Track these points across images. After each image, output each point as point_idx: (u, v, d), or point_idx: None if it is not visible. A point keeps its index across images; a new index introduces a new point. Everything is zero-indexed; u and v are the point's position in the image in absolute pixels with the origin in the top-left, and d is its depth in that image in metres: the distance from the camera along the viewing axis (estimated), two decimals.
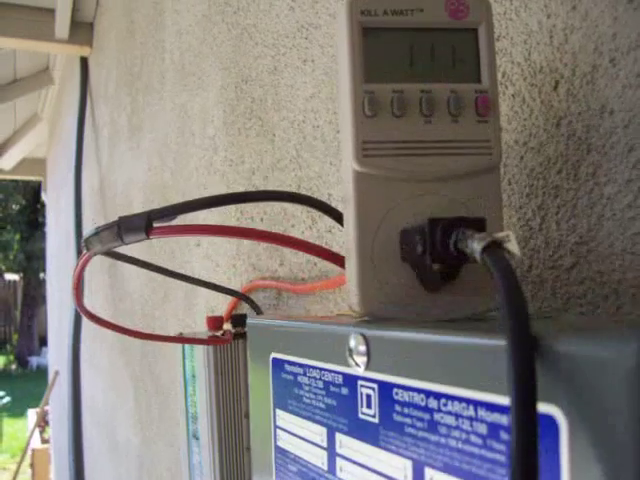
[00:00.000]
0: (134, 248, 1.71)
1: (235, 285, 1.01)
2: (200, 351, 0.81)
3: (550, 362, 0.23)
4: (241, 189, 0.99)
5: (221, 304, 1.08)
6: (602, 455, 0.21)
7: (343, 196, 0.38)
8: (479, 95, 0.37)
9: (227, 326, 0.85)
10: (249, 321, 0.48)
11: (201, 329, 1.12)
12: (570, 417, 0.22)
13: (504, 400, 0.24)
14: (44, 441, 5.15)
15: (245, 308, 0.94)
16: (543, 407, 0.23)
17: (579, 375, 0.22)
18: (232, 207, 1.02)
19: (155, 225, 0.45)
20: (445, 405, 0.28)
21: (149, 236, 0.45)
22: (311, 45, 0.78)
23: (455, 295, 0.36)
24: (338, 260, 0.48)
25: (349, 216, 0.37)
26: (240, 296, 0.88)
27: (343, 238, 0.57)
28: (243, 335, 0.79)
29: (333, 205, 0.72)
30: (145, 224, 0.45)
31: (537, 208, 0.47)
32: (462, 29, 0.38)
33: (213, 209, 1.11)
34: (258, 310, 0.88)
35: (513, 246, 0.28)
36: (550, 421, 0.23)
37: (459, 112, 0.37)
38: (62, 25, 2.57)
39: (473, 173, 0.37)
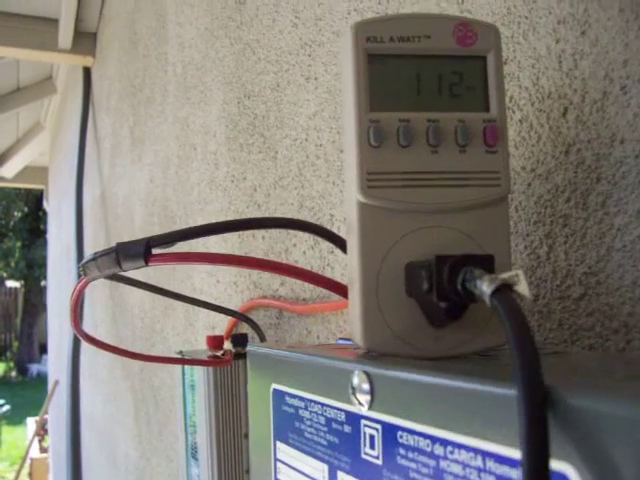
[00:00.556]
0: None
1: (236, 302, 1.00)
2: (200, 370, 0.79)
3: (563, 416, 0.22)
4: (243, 206, 0.98)
5: (221, 320, 1.06)
6: None
7: (346, 224, 0.38)
8: (487, 125, 0.36)
9: (227, 345, 0.84)
10: (250, 348, 0.47)
11: (201, 344, 1.11)
12: (584, 476, 0.21)
13: (514, 453, 0.23)
14: (43, 450, 5.13)
15: (246, 328, 0.93)
16: (556, 464, 0.22)
17: (593, 432, 0.21)
18: None
19: (154, 252, 0.44)
20: (452, 453, 0.26)
21: (148, 264, 0.44)
22: (314, 62, 0.77)
23: (461, 331, 0.35)
24: (341, 290, 0.47)
25: (353, 246, 0.36)
26: (241, 318, 0.87)
27: (347, 267, 0.56)
28: (243, 355, 0.78)
29: (336, 226, 0.71)
30: (144, 251, 0.44)
31: (544, 236, 0.46)
32: (470, 56, 0.37)
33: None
34: (258, 330, 0.87)
35: (523, 288, 0.27)
36: (562, 479, 0.21)
37: (467, 142, 0.36)
38: (65, 35, 2.57)
39: (481, 205, 0.36)
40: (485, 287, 0.27)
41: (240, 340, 0.79)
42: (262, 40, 0.93)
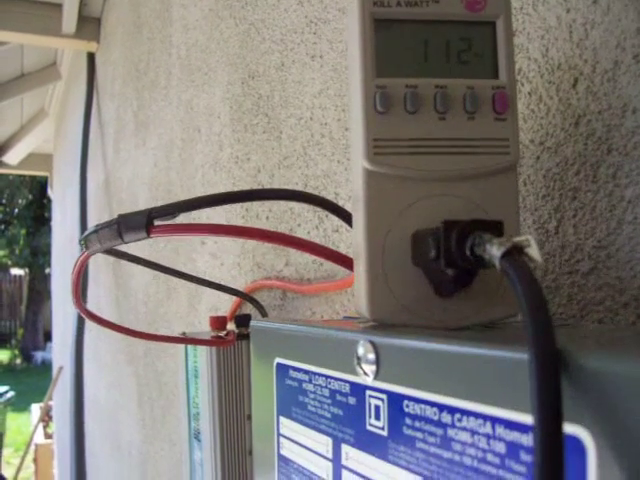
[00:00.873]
0: (137, 245, 1.69)
1: (239, 284, 0.99)
2: (203, 352, 0.79)
3: (577, 379, 0.21)
4: (246, 187, 0.97)
5: (225, 303, 1.06)
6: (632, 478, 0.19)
7: (352, 196, 0.37)
8: (496, 91, 0.35)
9: (231, 326, 0.83)
10: (253, 324, 0.46)
11: (205, 328, 1.11)
12: (598, 439, 0.20)
13: (525, 418, 0.23)
14: (47, 436, 5.15)
15: (249, 307, 0.92)
16: (569, 428, 0.21)
17: (609, 394, 0.20)
18: (237, 205, 1.00)
19: (156, 223, 0.44)
20: (460, 420, 0.26)
21: (150, 235, 0.43)
22: (320, 40, 0.76)
23: (469, 301, 0.34)
24: (346, 262, 0.46)
25: (358, 217, 0.35)
26: (244, 296, 0.86)
27: (351, 239, 0.55)
28: (247, 336, 0.77)
29: (340, 204, 0.70)
30: (146, 222, 0.43)
31: (553, 210, 0.45)
32: (479, 22, 0.36)
33: (217, 208, 1.09)
34: (262, 311, 0.87)
35: (534, 252, 0.26)
36: (576, 443, 0.21)
37: (475, 109, 0.35)
38: (69, 20, 2.56)
39: (489, 173, 0.35)
40: (495, 250, 0.26)
41: (243, 321, 0.78)
42: (267, 19, 0.92)
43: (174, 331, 1.40)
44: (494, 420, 0.24)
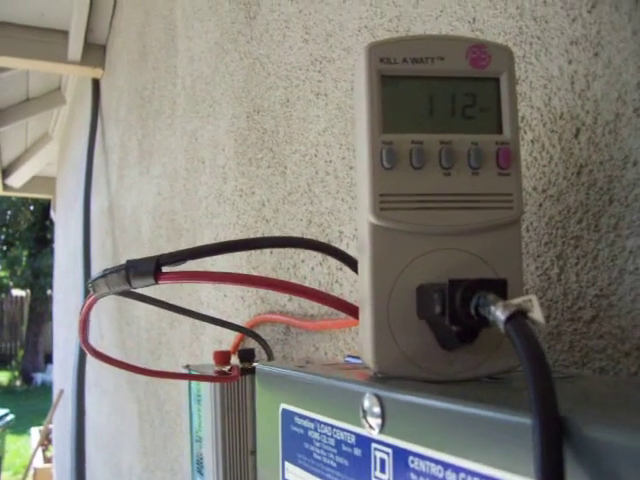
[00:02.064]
0: None
1: (243, 316, 0.99)
2: (207, 385, 0.79)
3: (579, 448, 0.21)
4: (251, 220, 0.98)
5: (228, 334, 1.06)
6: None
7: (358, 246, 0.37)
8: (500, 147, 0.36)
9: (234, 360, 0.84)
10: (259, 368, 0.47)
11: (208, 357, 1.11)
12: None
13: None
14: (47, 460, 5.12)
15: (253, 343, 0.93)
16: None
17: (610, 464, 0.20)
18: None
19: (164, 270, 0.44)
20: None
21: (158, 282, 0.44)
22: (324, 79, 0.77)
23: (472, 355, 0.35)
24: (351, 310, 0.47)
25: (364, 268, 0.36)
26: (247, 333, 0.86)
27: (358, 287, 0.55)
28: (250, 370, 0.77)
29: (344, 242, 0.71)
30: (154, 269, 0.44)
31: (556, 258, 0.45)
32: (484, 78, 0.37)
33: (222, 237, 1.10)
34: (265, 346, 0.87)
35: (537, 314, 0.27)
36: None
37: (480, 164, 0.36)
38: (75, 47, 2.58)
39: (493, 227, 0.36)
40: (499, 313, 0.27)
41: (247, 355, 0.79)
42: (272, 55, 0.93)
43: (177, 360, 1.40)
44: None
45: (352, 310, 0.46)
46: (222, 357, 0.79)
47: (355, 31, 0.71)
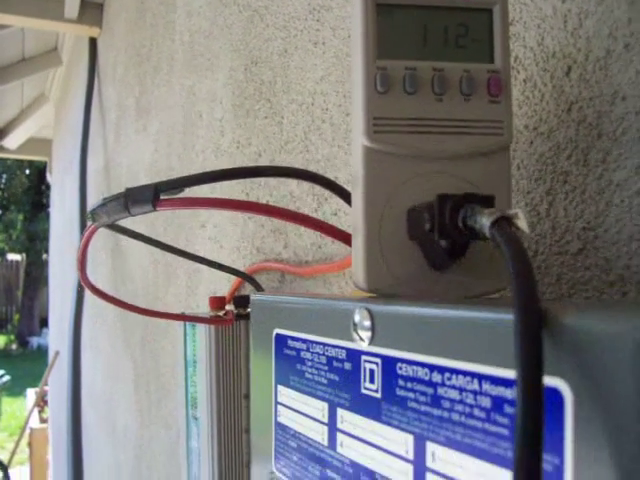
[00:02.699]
0: (138, 228, 1.71)
1: (239, 267, 1.01)
2: (202, 332, 0.81)
3: (558, 336, 0.23)
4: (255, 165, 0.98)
5: (223, 287, 1.08)
6: (606, 429, 0.21)
7: (352, 174, 0.38)
8: (492, 75, 0.37)
9: (229, 307, 0.85)
10: (253, 297, 0.48)
11: (203, 311, 1.13)
12: (576, 391, 0.22)
13: (509, 373, 0.24)
14: (42, 421, 5.17)
15: (248, 290, 0.94)
16: (549, 380, 0.23)
17: (587, 349, 0.22)
18: (238, 189, 1.02)
19: (162, 197, 0.45)
20: (449, 379, 0.28)
21: (156, 208, 0.45)
22: (322, 27, 0.78)
23: (462, 275, 0.36)
24: (345, 238, 0.48)
25: (357, 193, 0.37)
26: (243, 276, 0.88)
27: (351, 217, 0.56)
28: (245, 316, 0.79)
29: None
30: (152, 196, 0.45)
31: (545, 193, 0.46)
32: (477, 9, 0.37)
33: (218, 190, 1.11)
34: (261, 290, 0.88)
35: (522, 223, 0.28)
36: (556, 394, 0.23)
37: (471, 91, 0.36)
38: (72, 4, 2.56)
39: (484, 153, 0.37)
40: (485, 220, 0.28)
41: (242, 301, 0.80)
42: (270, 6, 0.93)
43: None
44: (481, 377, 0.26)
45: (346, 238, 0.47)
46: (217, 302, 0.80)
47: None
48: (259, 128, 0.95)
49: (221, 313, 0.80)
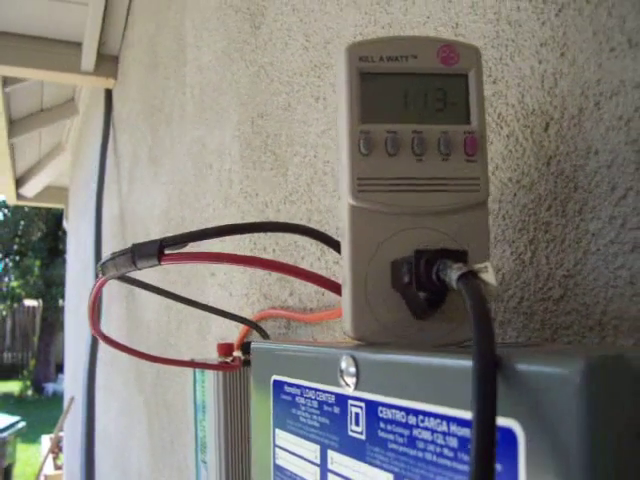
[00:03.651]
0: (152, 278, 1.74)
1: (247, 314, 1.03)
2: (210, 377, 0.83)
3: (511, 380, 0.25)
4: (254, 221, 1.02)
5: (233, 334, 1.10)
6: (555, 463, 0.23)
7: (340, 229, 0.41)
8: (468, 136, 0.40)
9: (237, 353, 0.88)
10: (253, 345, 0.51)
11: (213, 357, 1.15)
12: (526, 429, 0.24)
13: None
14: (57, 467, 5.16)
15: (256, 337, 0.96)
16: (503, 421, 0.25)
17: (534, 391, 0.24)
18: (246, 239, 1.05)
19: (167, 252, 0.48)
20: (422, 421, 0.30)
21: (161, 262, 0.48)
22: (323, 83, 0.81)
23: (443, 323, 0.38)
24: (336, 288, 0.50)
25: (345, 247, 0.40)
26: (250, 324, 0.90)
27: (340, 268, 0.59)
28: None
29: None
30: (157, 251, 0.47)
31: (529, 242, 0.49)
32: (453, 75, 0.40)
33: (227, 241, 1.14)
34: (267, 338, 0.91)
35: (489, 277, 0.30)
36: (509, 434, 0.25)
37: (449, 151, 0.39)
38: (88, 58, 2.65)
39: (462, 208, 0.39)
40: (453, 274, 0.30)
41: (249, 348, 0.82)
42: (275, 63, 0.97)
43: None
44: (449, 419, 0.28)
45: (336, 288, 0.50)
46: (225, 348, 0.83)
47: (351, 37, 0.75)
48: (265, 179, 0.99)
49: (229, 359, 0.83)
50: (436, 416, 0.29)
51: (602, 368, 0.23)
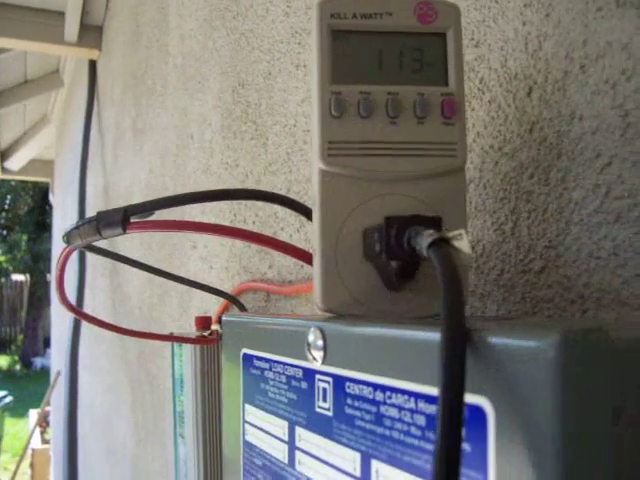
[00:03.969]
0: (134, 249, 1.72)
1: (227, 286, 1.01)
2: (188, 351, 0.81)
3: (481, 354, 0.23)
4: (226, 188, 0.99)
5: (214, 307, 1.08)
6: (525, 442, 0.21)
7: (311, 195, 0.39)
8: (445, 98, 0.38)
9: (216, 327, 0.86)
10: (224, 318, 0.49)
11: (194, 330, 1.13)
12: (497, 407, 0.22)
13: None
14: (45, 442, 5.16)
15: (236, 310, 0.95)
16: (473, 398, 0.23)
17: (505, 366, 0.22)
18: (226, 210, 1.03)
19: (132, 220, 0.46)
20: (390, 398, 0.28)
21: (126, 231, 0.46)
22: (303, 50, 0.79)
23: (417, 294, 0.37)
24: (308, 259, 0.48)
25: (315, 215, 0.38)
26: (227, 297, 0.88)
27: (311, 235, 0.57)
28: None
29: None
30: (122, 219, 0.45)
31: (510, 212, 0.47)
32: (430, 33, 0.38)
33: (208, 213, 1.12)
34: (244, 310, 0.89)
35: (463, 244, 0.29)
36: (479, 412, 0.23)
37: (425, 114, 0.37)
38: (72, 28, 2.60)
39: (437, 174, 0.37)
40: (424, 241, 0.28)
41: None
42: (256, 30, 0.94)
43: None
44: (416, 396, 0.26)
45: (309, 258, 0.48)
46: (203, 322, 0.81)
47: None
48: (246, 149, 0.96)
49: (206, 333, 0.81)
50: (404, 392, 0.27)
51: (578, 341, 0.21)
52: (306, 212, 0.50)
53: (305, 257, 0.49)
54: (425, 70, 0.38)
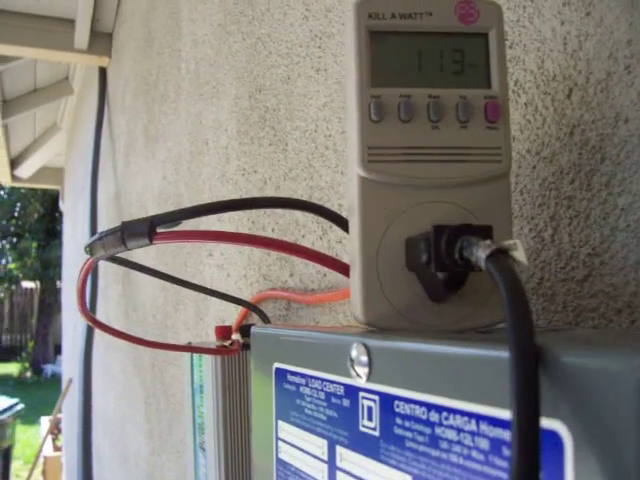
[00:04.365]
0: (147, 257, 1.71)
1: (245, 295, 1.00)
2: (208, 361, 0.80)
3: (555, 375, 0.22)
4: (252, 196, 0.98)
5: (231, 315, 1.07)
6: (608, 473, 0.20)
7: (348, 204, 0.38)
8: (489, 101, 0.36)
9: (236, 336, 0.84)
10: (253, 330, 0.47)
11: (211, 339, 1.12)
12: (575, 433, 0.21)
13: (506, 414, 0.23)
14: (56, 449, 5.15)
15: (255, 319, 0.93)
16: (547, 422, 0.22)
17: (585, 389, 0.21)
18: (244, 217, 1.01)
19: (159, 230, 0.44)
20: (447, 419, 0.26)
21: (152, 242, 0.44)
22: (324, 54, 0.77)
23: (461, 307, 0.35)
24: (343, 269, 0.47)
25: (354, 224, 0.36)
26: (248, 306, 0.87)
27: (348, 247, 0.56)
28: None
29: (344, 215, 0.71)
30: (148, 229, 0.44)
31: (549, 219, 0.45)
32: (472, 34, 0.37)
33: (225, 221, 1.10)
34: (267, 320, 0.87)
35: (520, 255, 0.27)
36: (554, 437, 0.21)
37: (468, 118, 0.36)
38: (82, 35, 2.59)
39: (482, 180, 0.36)
40: (481, 252, 0.27)
41: (248, 331, 0.79)
42: (273, 34, 0.93)
43: (181, 342, 1.40)
44: (478, 417, 0.25)
45: (344, 269, 0.46)
46: (223, 331, 0.79)
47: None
48: (264, 155, 0.95)
49: (227, 343, 0.79)
50: (462, 413, 0.26)
51: None
52: (339, 221, 0.48)
53: (339, 266, 0.47)
54: (467, 72, 0.37)
